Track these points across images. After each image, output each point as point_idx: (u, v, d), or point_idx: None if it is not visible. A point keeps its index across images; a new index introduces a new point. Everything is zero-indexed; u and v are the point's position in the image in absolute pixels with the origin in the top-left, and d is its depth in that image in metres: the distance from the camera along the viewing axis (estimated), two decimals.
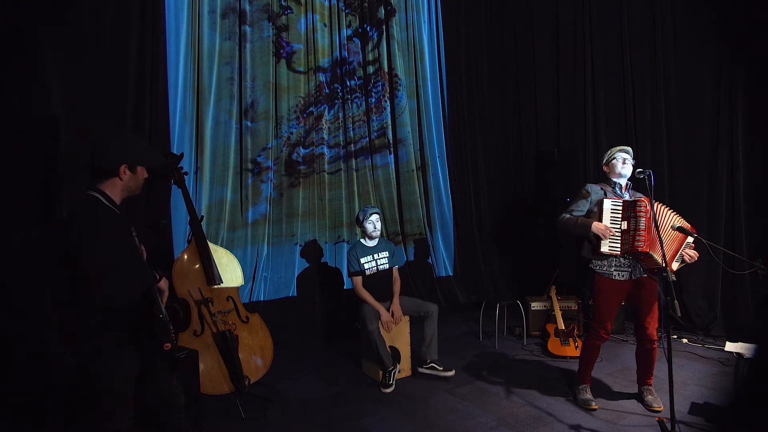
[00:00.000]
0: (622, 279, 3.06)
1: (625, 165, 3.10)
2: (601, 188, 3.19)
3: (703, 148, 4.57)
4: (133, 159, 2.02)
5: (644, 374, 3.22)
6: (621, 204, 3.02)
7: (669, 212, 2.97)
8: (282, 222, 4.94)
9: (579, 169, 5.53)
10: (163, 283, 2.10)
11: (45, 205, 3.32)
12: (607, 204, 3.05)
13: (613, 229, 2.99)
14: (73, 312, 1.94)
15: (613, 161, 3.13)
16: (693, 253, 2.99)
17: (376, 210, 4.01)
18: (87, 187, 2.00)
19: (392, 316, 3.82)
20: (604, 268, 3.09)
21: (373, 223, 3.93)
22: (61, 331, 2.95)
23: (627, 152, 3.14)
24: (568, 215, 3.18)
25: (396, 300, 3.90)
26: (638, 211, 2.90)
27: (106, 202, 1.98)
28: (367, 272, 3.92)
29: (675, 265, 2.98)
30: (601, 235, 3.00)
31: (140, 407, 2.08)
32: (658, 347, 3.12)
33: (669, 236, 2.93)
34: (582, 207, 3.18)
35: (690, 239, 2.95)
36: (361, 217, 3.97)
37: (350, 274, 3.95)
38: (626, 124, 5.12)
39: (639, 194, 3.16)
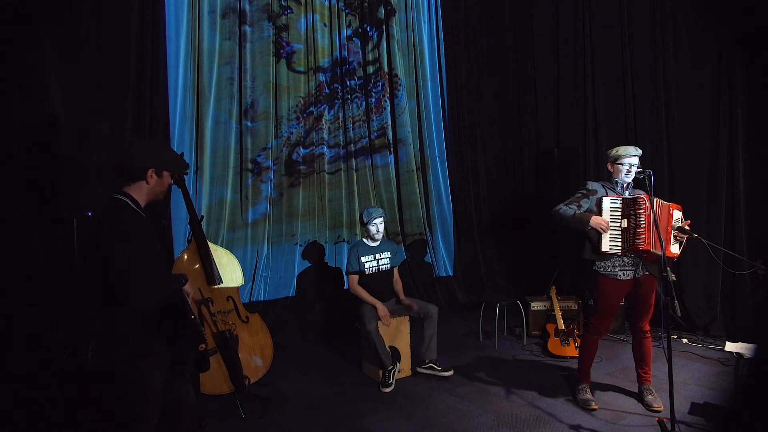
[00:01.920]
0: (627, 279, 3.07)
1: (629, 173, 3.07)
2: (603, 186, 3.19)
3: (703, 148, 4.57)
4: (160, 163, 2.06)
5: (642, 366, 3.22)
6: (620, 201, 3.02)
7: (658, 201, 2.96)
8: (282, 222, 4.94)
9: (579, 169, 5.53)
10: (189, 287, 2.09)
11: (45, 206, 3.31)
12: (606, 202, 3.05)
13: (613, 225, 2.99)
14: (102, 315, 1.96)
15: (619, 166, 3.10)
16: (684, 226, 2.97)
17: (381, 213, 4.00)
18: (114, 190, 2.04)
19: (409, 307, 3.88)
20: (609, 269, 3.09)
21: (377, 226, 3.93)
22: (84, 333, 2.96)
23: (635, 158, 3.07)
24: (565, 207, 3.16)
25: (403, 297, 3.97)
26: (638, 209, 2.90)
27: (133, 206, 2.02)
28: (367, 271, 3.92)
29: (675, 249, 2.98)
30: (599, 230, 3.00)
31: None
32: (658, 346, 3.13)
33: (665, 233, 2.93)
34: (581, 203, 3.16)
35: (677, 214, 2.97)
36: (365, 219, 3.94)
37: (347, 272, 3.96)
38: (626, 124, 5.12)
39: (639, 191, 3.15)
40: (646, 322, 3.16)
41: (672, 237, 2.96)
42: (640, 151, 3.12)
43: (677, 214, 2.99)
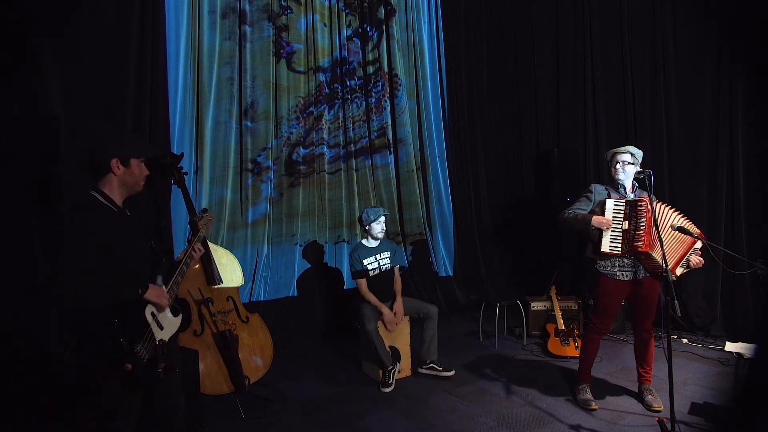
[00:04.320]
0: (626, 279, 3.08)
1: (624, 170, 3.08)
2: (606, 188, 3.19)
3: (703, 148, 4.57)
4: (123, 152, 1.98)
5: (643, 366, 3.22)
6: (623, 204, 3.03)
7: (673, 213, 2.96)
8: (282, 222, 4.94)
9: (579, 169, 5.53)
10: (153, 294, 1.96)
11: (45, 205, 3.32)
12: (610, 203, 3.06)
13: (614, 226, 3.01)
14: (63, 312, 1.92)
15: (612, 165, 3.13)
16: (699, 259, 3.00)
17: (384, 211, 3.99)
18: (90, 187, 1.99)
19: (395, 315, 3.81)
20: (608, 269, 3.10)
21: (382, 224, 3.92)
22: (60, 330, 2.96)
23: (626, 155, 3.08)
24: (569, 212, 3.20)
25: (399, 299, 3.90)
26: (639, 211, 2.91)
27: (103, 201, 1.96)
28: (370, 273, 3.90)
29: (679, 271, 2.98)
30: (602, 227, 3.01)
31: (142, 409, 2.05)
32: (658, 346, 3.13)
33: (672, 238, 2.93)
34: (584, 206, 3.18)
35: (698, 244, 2.95)
36: (371, 219, 3.90)
37: (354, 276, 3.92)
38: (626, 124, 5.12)
39: (645, 193, 3.15)
40: (649, 322, 3.16)
41: (683, 260, 2.96)
42: (632, 149, 3.11)
43: (698, 244, 2.97)
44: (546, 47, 6.06)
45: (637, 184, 3.18)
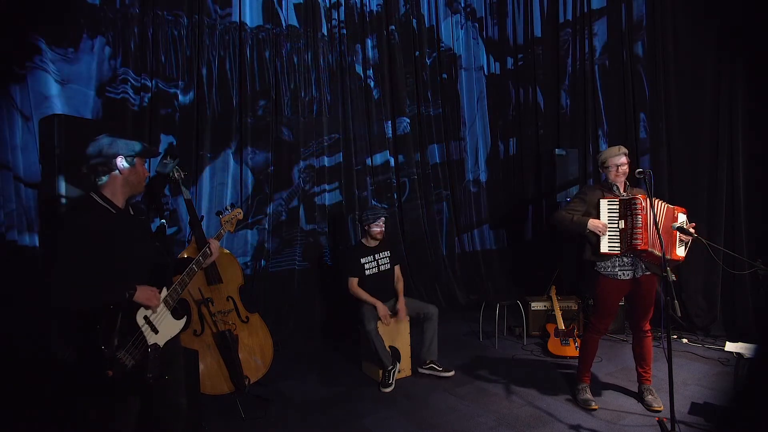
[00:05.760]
0: (627, 278, 3.08)
1: (619, 175, 3.10)
2: (599, 189, 3.20)
3: (703, 148, 4.57)
4: (127, 150, 1.99)
5: (642, 366, 3.23)
6: (617, 203, 3.03)
7: (662, 205, 2.98)
8: (282, 222, 4.94)
9: (579, 169, 5.52)
10: (143, 296, 1.93)
11: (45, 206, 3.32)
12: (604, 204, 3.07)
13: (611, 226, 3.01)
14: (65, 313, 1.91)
15: (607, 168, 3.15)
16: (690, 230, 2.98)
17: (383, 213, 3.98)
18: (90, 189, 1.99)
19: (398, 314, 3.81)
20: (608, 269, 3.10)
21: (381, 226, 3.92)
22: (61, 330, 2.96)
23: (622, 157, 3.10)
24: (563, 213, 3.20)
25: (401, 298, 3.91)
26: (634, 209, 2.92)
27: (102, 202, 1.95)
28: (368, 272, 3.90)
29: (681, 252, 2.98)
30: (597, 232, 3.02)
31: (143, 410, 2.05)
32: (658, 346, 3.13)
33: (668, 234, 2.94)
34: (578, 207, 3.19)
35: (682, 217, 2.96)
36: (371, 219, 3.90)
37: (347, 275, 3.92)
38: (626, 124, 5.12)
39: (639, 189, 3.16)
40: (646, 321, 3.18)
41: (678, 240, 2.96)
42: (624, 149, 3.12)
43: (682, 217, 2.99)
44: (547, 47, 6.05)
45: (628, 183, 3.18)
